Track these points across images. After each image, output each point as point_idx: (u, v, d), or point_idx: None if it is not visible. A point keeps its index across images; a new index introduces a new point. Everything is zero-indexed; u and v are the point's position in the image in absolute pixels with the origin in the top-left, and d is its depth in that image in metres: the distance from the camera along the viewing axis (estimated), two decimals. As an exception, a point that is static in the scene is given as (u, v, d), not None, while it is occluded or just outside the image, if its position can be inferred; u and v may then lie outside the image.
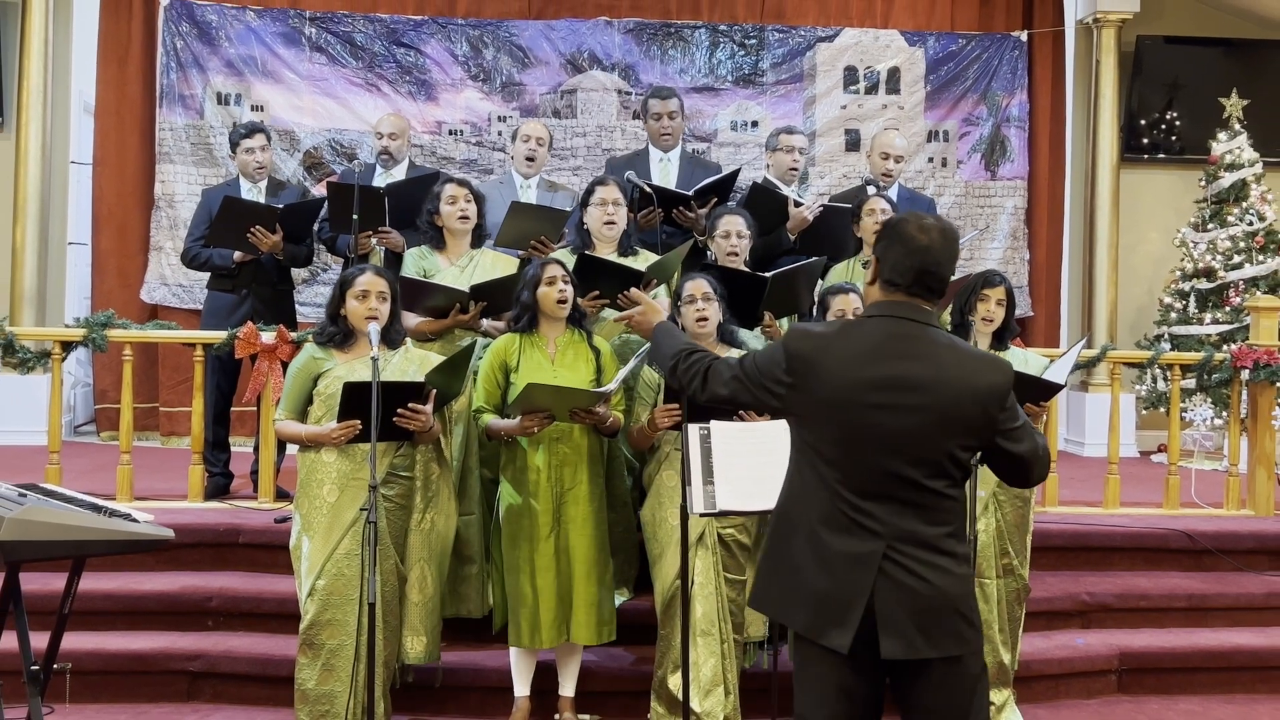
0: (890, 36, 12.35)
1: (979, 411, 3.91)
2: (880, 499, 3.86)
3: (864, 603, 3.82)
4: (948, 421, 3.88)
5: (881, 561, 3.83)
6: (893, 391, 3.86)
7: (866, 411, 3.85)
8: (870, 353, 3.91)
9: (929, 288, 3.97)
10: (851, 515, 3.87)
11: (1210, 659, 7.51)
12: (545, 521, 6.27)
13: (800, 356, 3.97)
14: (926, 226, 3.96)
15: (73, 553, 4.82)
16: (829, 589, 3.87)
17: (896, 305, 3.98)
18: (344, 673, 5.80)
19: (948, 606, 3.87)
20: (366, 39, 11.80)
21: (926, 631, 3.83)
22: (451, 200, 7.07)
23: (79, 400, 12.08)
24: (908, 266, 3.94)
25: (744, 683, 6.26)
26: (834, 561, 3.88)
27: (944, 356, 3.92)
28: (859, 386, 3.87)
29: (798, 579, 3.95)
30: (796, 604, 3.96)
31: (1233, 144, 11.76)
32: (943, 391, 3.87)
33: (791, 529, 4.01)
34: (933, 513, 3.89)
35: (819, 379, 3.92)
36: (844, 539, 3.87)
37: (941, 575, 3.86)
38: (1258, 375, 8.70)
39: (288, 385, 6.12)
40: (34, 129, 11.25)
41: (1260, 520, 8.67)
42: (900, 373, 3.87)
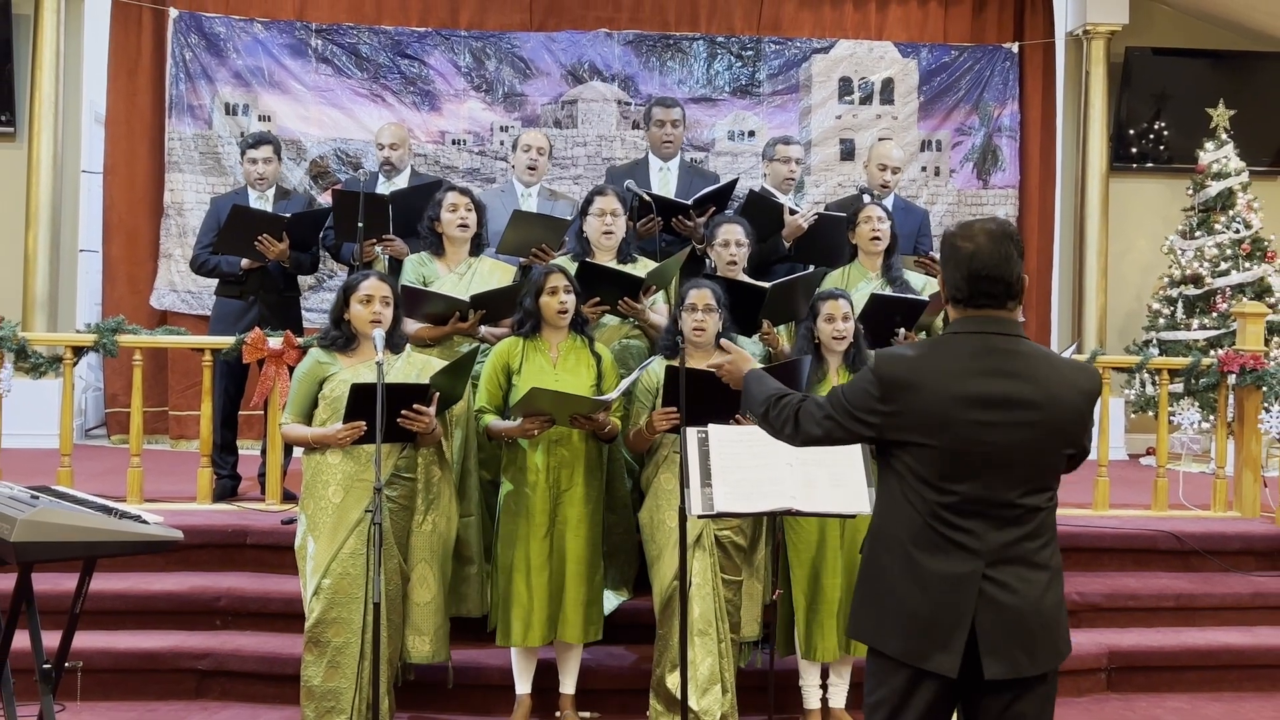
0: (884, 48, 12.37)
1: (1078, 421, 3.89)
2: (980, 517, 3.77)
3: (968, 625, 3.74)
4: (1055, 436, 3.83)
5: (982, 581, 3.75)
6: (996, 409, 3.76)
7: (970, 430, 3.76)
8: (966, 370, 3.81)
9: (991, 294, 3.87)
10: (949, 535, 3.78)
11: (1198, 658, 7.51)
12: (541, 522, 6.29)
13: (894, 381, 3.84)
14: (973, 233, 3.87)
15: (84, 553, 4.83)
16: (930, 612, 3.77)
17: (972, 321, 3.90)
18: (349, 670, 5.81)
19: (1046, 622, 3.81)
20: (371, 50, 11.81)
21: (1029, 649, 3.77)
22: (452, 208, 7.09)
23: (90, 404, 12.07)
24: (960, 278, 3.87)
25: (741, 681, 6.28)
26: (931, 583, 3.78)
27: (1042, 371, 3.84)
28: (959, 404, 3.77)
29: (895, 604, 3.84)
30: (895, 629, 3.84)
31: (1220, 153, 11.76)
32: (1051, 408, 3.80)
33: (885, 553, 3.91)
34: (1029, 527, 3.82)
35: (918, 400, 3.80)
36: (941, 560, 3.78)
37: (1038, 590, 3.80)
38: (1244, 380, 8.70)
39: (293, 389, 6.14)
40: (46, 139, 11.29)
41: (1247, 522, 8.67)
42: (1005, 390, 3.78)
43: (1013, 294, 3.89)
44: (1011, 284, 3.87)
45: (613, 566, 6.91)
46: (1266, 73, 12.64)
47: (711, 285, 6.44)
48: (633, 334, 7.23)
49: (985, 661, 3.73)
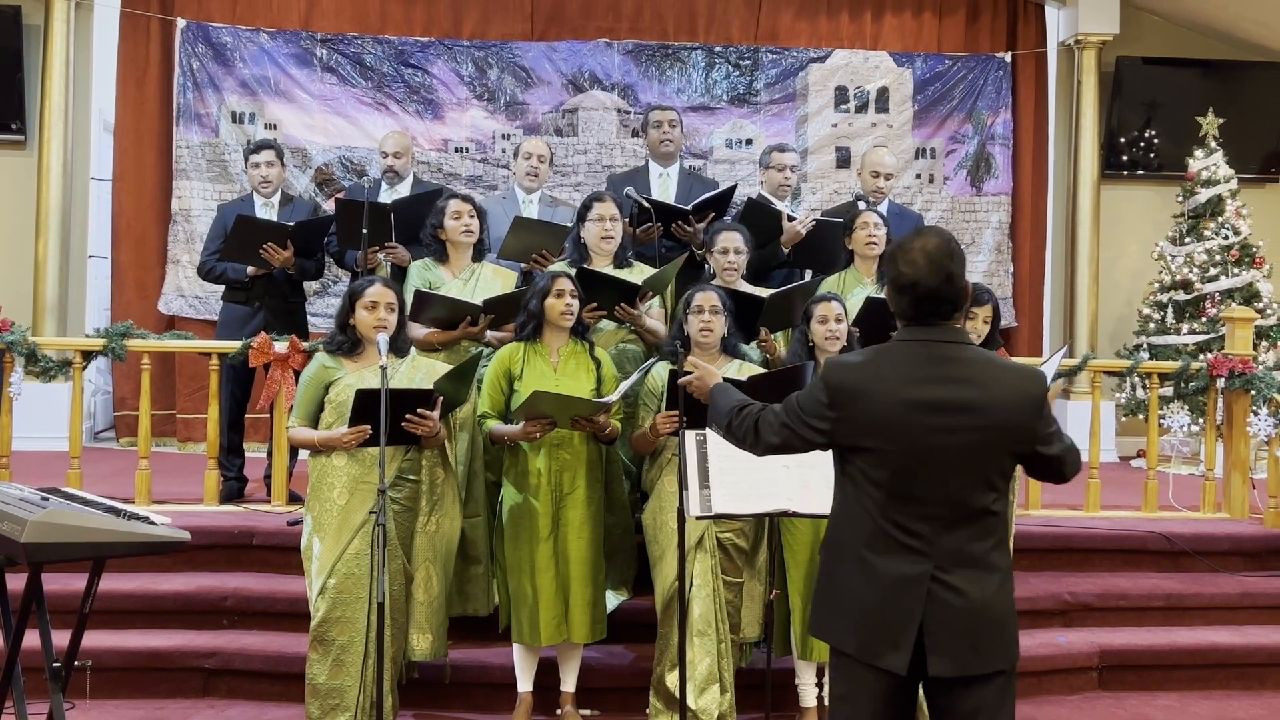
0: (879, 58, 12.37)
1: (1024, 424, 3.89)
2: (929, 519, 3.83)
3: (917, 624, 3.80)
4: (996, 439, 3.86)
5: (930, 583, 3.81)
6: (941, 414, 3.82)
7: (918, 434, 3.82)
8: (912, 376, 3.87)
9: (936, 312, 3.92)
10: (900, 538, 3.84)
11: (1187, 656, 7.52)
12: (545, 524, 6.30)
13: (841, 388, 3.91)
14: (912, 256, 3.89)
15: (93, 554, 4.83)
16: (881, 612, 3.84)
17: (918, 330, 3.94)
18: (353, 668, 5.82)
19: (993, 622, 3.86)
20: (375, 60, 11.81)
21: (975, 648, 3.82)
22: (456, 215, 7.11)
23: (99, 407, 12.08)
24: (905, 302, 3.93)
25: (739, 680, 6.28)
26: (883, 583, 3.84)
27: (983, 376, 3.89)
28: (906, 409, 3.83)
29: (850, 604, 3.92)
30: (849, 628, 3.91)
31: (1209, 161, 11.77)
32: (990, 411, 3.84)
33: (840, 555, 3.98)
34: (979, 528, 3.87)
35: (864, 406, 3.87)
36: (893, 561, 3.84)
37: (986, 591, 3.85)
38: (1233, 383, 8.72)
39: (300, 393, 6.15)
40: (55, 147, 11.28)
41: (1235, 523, 8.68)
42: (950, 395, 3.84)
43: (956, 307, 3.95)
44: (954, 300, 3.92)
45: (612, 567, 6.91)
46: (1254, 82, 12.65)
47: (716, 288, 6.45)
48: (629, 338, 7.24)
49: (931, 660, 3.80)
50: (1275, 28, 12.23)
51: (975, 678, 3.82)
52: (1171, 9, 12.57)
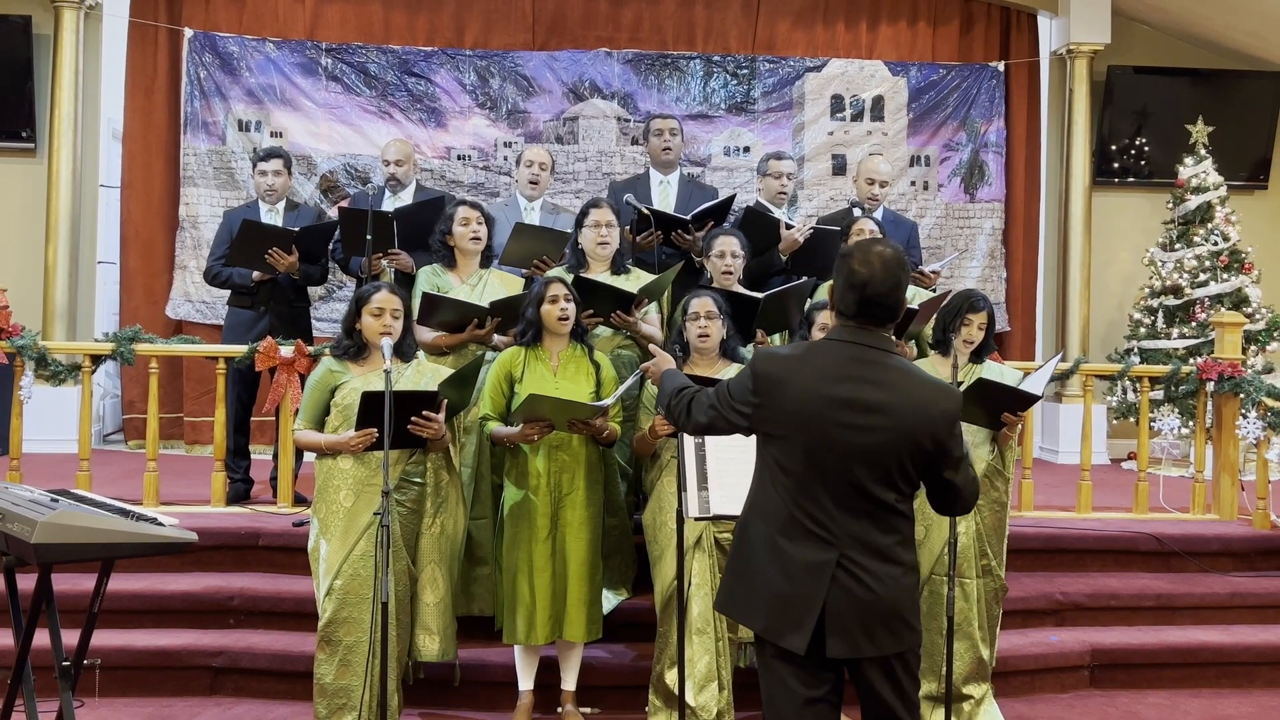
0: (875, 67, 12.38)
1: (930, 434, 4.03)
2: (837, 510, 3.98)
3: (819, 607, 3.95)
4: (902, 441, 3.99)
5: (835, 569, 3.96)
6: (854, 411, 3.97)
7: (830, 428, 3.97)
8: (832, 374, 4.02)
9: (875, 316, 4.07)
10: (809, 525, 4.00)
11: (1177, 655, 7.51)
12: (543, 525, 6.30)
13: (767, 377, 4.09)
14: (869, 259, 4.04)
15: (102, 554, 4.83)
16: (788, 594, 4.00)
17: (850, 332, 4.09)
18: (359, 668, 5.82)
19: (890, 610, 4.01)
20: (379, 69, 11.82)
21: (869, 632, 3.97)
22: (464, 222, 7.11)
23: (108, 410, 12.09)
24: (851, 299, 4.05)
25: (737, 679, 6.28)
26: (792, 569, 4.00)
27: (900, 382, 4.03)
28: (823, 404, 3.98)
29: (759, 585, 4.08)
30: (758, 608, 4.09)
31: (1198, 168, 11.79)
32: (900, 415, 3.98)
33: (753, 538, 4.14)
34: (883, 523, 4.02)
35: (785, 397, 4.04)
36: (802, 547, 4.00)
37: (886, 582, 4.00)
38: (1222, 387, 8.72)
39: (306, 397, 6.15)
40: (65, 154, 11.30)
41: (1225, 524, 8.68)
42: (861, 395, 3.98)
43: (894, 316, 4.11)
44: (894, 309, 4.09)
45: (611, 567, 6.93)
46: (1243, 90, 12.66)
47: (712, 293, 6.46)
48: (625, 344, 7.23)
49: (829, 641, 3.96)
50: (1263, 37, 12.25)
51: (885, 658, 4.02)
52: (1162, 19, 12.58)
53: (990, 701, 6.59)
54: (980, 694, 6.53)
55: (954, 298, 6.58)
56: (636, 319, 7.04)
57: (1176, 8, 12.22)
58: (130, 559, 5.78)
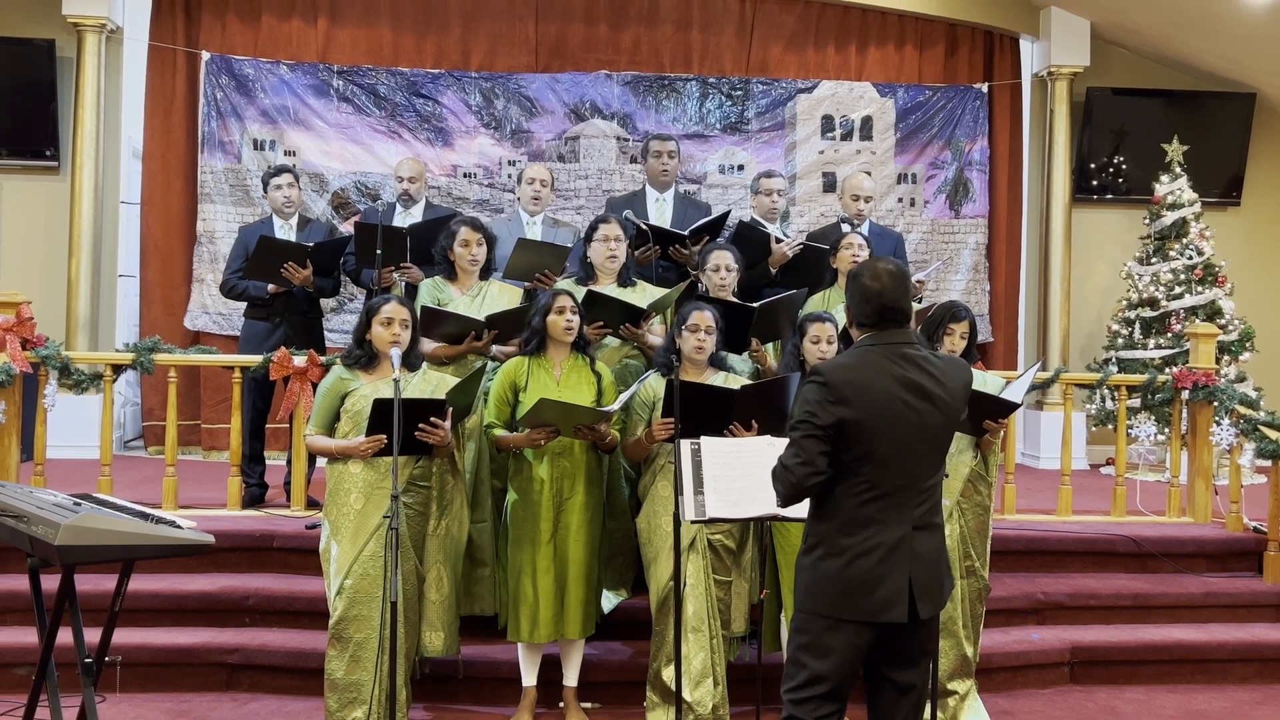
0: (863, 88, 12.39)
1: (964, 405, 4.51)
2: (909, 491, 4.31)
3: (907, 578, 4.27)
4: (954, 416, 4.42)
5: (911, 543, 4.29)
6: (922, 399, 4.30)
7: (904, 419, 4.27)
8: (892, 370, 4.30)
9: (893, 320, 4.39)
10: (887, 509, 4.28)
11: (1153, 652, 7.53)
12: (546, 528, 6.32)
13: (841, 383, 4.26)
14: (878, 273, 4.41)
15: (123, 556, 4.84)
16: (880, 574, 4.26)
17: (879, 335, 4.39)
18: (369, 664, 5.83)
19: (946, 569, 4.47)
20: (389, 90, 11.84)
21: (941, 589, 4.42)
22: (464, 244, 7.13)
23: (128, 418, 12.09)
24: (870, 310, 4.40)
25: (731, 674, 6.30)
26: (880, 550, 4.26)
27: (942, 367, 4.41)
28: (898, 394, 4.27)
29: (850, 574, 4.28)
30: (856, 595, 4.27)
31: (1174, 186, 11.81)
32: (951, 394, 4.38)
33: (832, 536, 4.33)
34: (934, 494, 4.42)
35: (867, 395, 4.25)
36: (882, 529, 4.27)
37: (939, 546, 4.44)
38: (1196, 395, 8.73)
39: (317, 404, 6.16)
40: (87, 172, 11.31)
41: (1199, 527, 8.70)
42: (923, 383, 4.31)
43: (907, 319, 4.45)
44: (907, 310, 4.44)
45: (612, 568, 6.95)
46: (1217, 111, 12.68)
47: (711, 308, 6.47)
48: (632, 355, 7.25)
49: (920, 605, 4.30)
50: (1236, 60, 12.27)
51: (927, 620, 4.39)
52: (1139, 42, 12.60)
53: (974, 697, 6.61)
54: (964, 690, 6.54)
55: (937, 309, 6.60)
56: (644, 331, 7.06)
57: (1153, 32, 12.25)
58: (150, 560, 5.76)
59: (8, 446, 7.86)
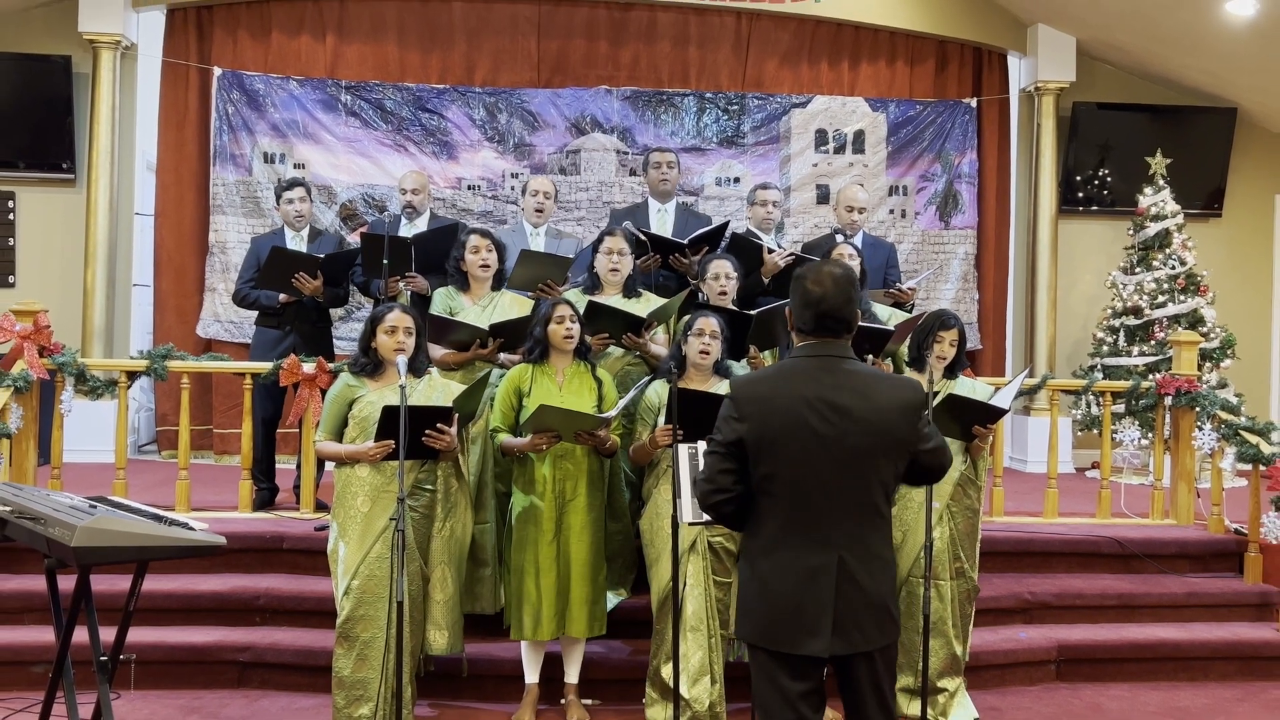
0: (856, 103, 12.41)
1: (901, 426, 3.99)
2: (829, 514, 3.91)
3: (831, 610, 3.89)
4: (878, 438, 3.94)
5: (836, 572, 3.90)
6: (832, 416, 3.91)
7: (814, 435, 3.90)
8: (806, 385, 3.96)
9: (831, 329, 4.04)
10: (804, 534, 3.93)
11: (1138, 651, 7.54)
12: (548, 528, 6.33)
13: (747, 398, 4.01)
14: (822, 277, 4.06)
15: (137, 557, 4.84)
16: (799, 602, 3.91)
17: (813, 346, 4.06)
18: (376, 662, 5.83)
19: (881, 605, 3.97)
20: (395, 105, 11.85)
21: (862, 628, 3.92)
22: (475, 250, 7.16)
23: (142, 423, 12.09)
24: (808, 316, 4.04)
25: (728, 673, 6.28)
26: (797, 578, 3.92)
27: (867, 384, 4.00)
28: (805, 412, 3.92)
29: (769, 600, 3.97)
30: (775, 623, 3.96)
31: (1157, 198, 11.82)
32: (872, 413, 3.93)
33: (754, 559, 4.04)
34: (868, 520, 3.97)
35: (769, 411, 3.96)
36: (800, 555, 3.92)
37: (876, 578, 3.96)
38: (1179, 401, 8.74)
39: (326, 410, 6.17)
40: (103, 185, 11.33)
41: (1182, 529, 8.70)
42: (837, 400, 3.92)
43: (849, 328, 4.09)
44: (850, 320, 4.07)
45: (613, 569, 6.95)
46: (1199, 125, 12.71)
47: (717, 315, 6.49)
48: (634, 362, 7.27)
49: (832, 640, 3.89)
50: (1218, 75, 12.29)
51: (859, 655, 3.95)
52: (1123, 58, 12.62)
53: (963, 694, 6.61)
54: (954, 687, 6.55)
55: (927, 317, 6.63)
56: (646, 340, 7.07)
57: (1137, 48, 12.26)
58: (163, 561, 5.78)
59: (25, 451, 7.87)
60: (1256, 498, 8.14)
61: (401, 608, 5.50)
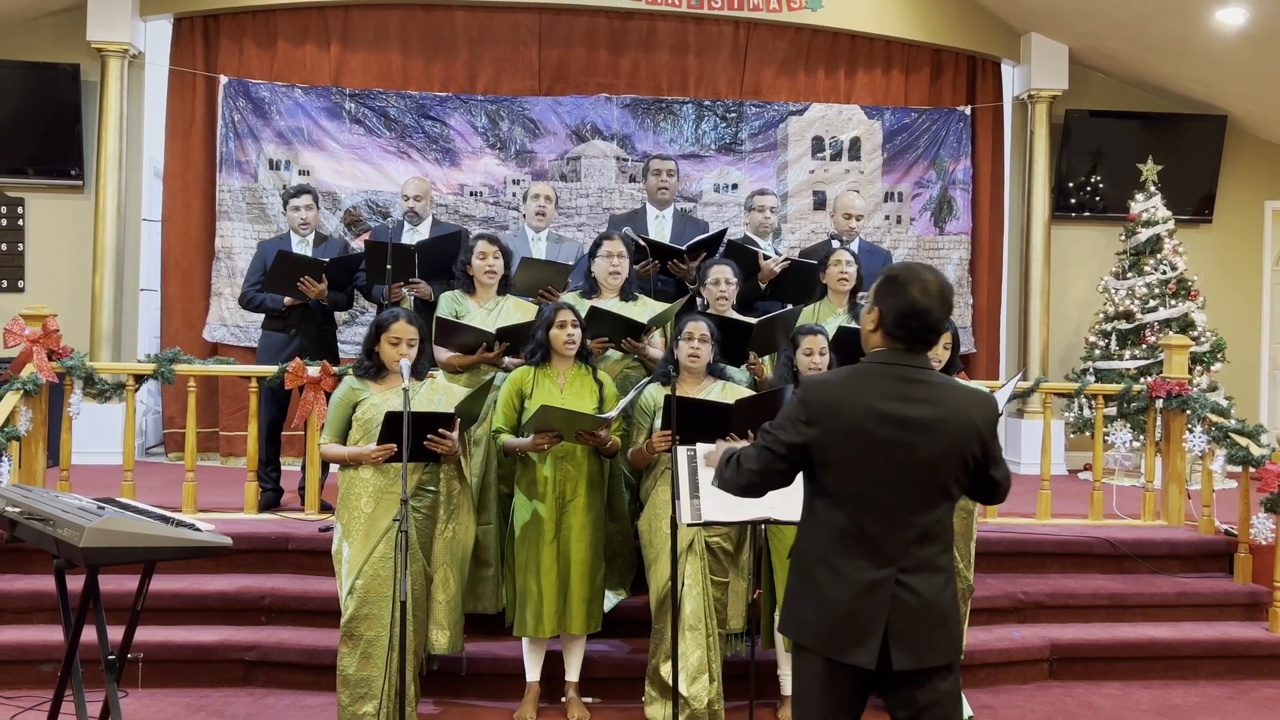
0: (852, 111, 12.42)
1: (978, 441, 3.86)
2: (892, 526, 3.78)
3: (884, 623, 3.76)
4: (953, 453, 3.82)
5: (894, 586, 3.76)
6: (906, 430, 3.77)
7: (884, 447, 3.77)
8: (881, 394, 3.81)
9: (925, 341, 3.87)
10: (864, 544, 3.79)
11: (1129, 650, 7.55)
12: (549, 528, 6.35)
13: (817, 402, 3.84)
14: (929, 289, 3.85)
15: (144, 557, 4.85)
16: (851, 612, 3.78)
17: (894, 353, 3.88)
18: (379, 660, 5.83)
19: (944, 619, 3.84)
20: (399, 113, 11.85)
21: (930, 643, 3.79)
22: (481, 256, 7.18)
23: (150, 425, 12.09)
24: (913, 327, 3.83)
25: (726, 670, 6.30)
26: (852, 587, 3.78)
27: (945, 397, 3.85)
28: (876, 423, 3.77)
29: (820, 605, 3.84)
30: (820, 627, 3.82)
31: (1149, 204, 11.82)
32: (948, 428, 3.80)
33: (811, 562, 3.90)
34: (931, 534, 3.83)
35: (838, 418, 3.80)
36: (858, 565, 3.79)
37: (939, 592, 3.83)
38: (1170, 404, 8.75)
39: (330, 413, 6.18)
40: (111, 191, 11.33)
41: (1173, 529, 8.71)
42: (912, 413, 3.78)
43: (936, 340, 3.92)
44: (939, 331, 3.89)
45: (612, 569, 6.96)
46: (1190, 132, 12.71)
47: (706, 319, 6.51)
48: (633, 366, 7.27)
49: (894, 655, 3.75)
50: (1208, 83, 12.29)
51: (931, 670, 3.80)
52: (1115, 67, 12.62)
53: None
54: (949, 685, 6.54)
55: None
56: (644, 344, 7.08)
57: (1129, 56, 12.27)
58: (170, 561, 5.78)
59: (35, 453, 7.87)
60: (1246, 499, 8.15)
61: (404, 607, 5.50)
